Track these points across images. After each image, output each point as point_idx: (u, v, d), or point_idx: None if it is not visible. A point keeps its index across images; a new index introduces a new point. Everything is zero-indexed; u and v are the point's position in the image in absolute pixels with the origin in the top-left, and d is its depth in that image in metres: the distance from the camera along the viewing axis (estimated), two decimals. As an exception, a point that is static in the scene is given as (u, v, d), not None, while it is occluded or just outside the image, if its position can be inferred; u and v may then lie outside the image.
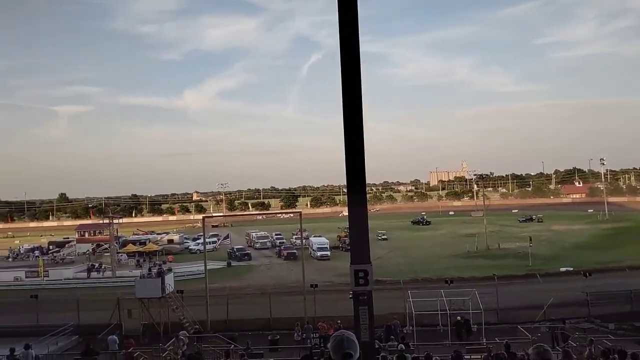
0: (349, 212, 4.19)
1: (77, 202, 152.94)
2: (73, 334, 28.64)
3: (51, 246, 69.12)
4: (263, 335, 26.30)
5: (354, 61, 4.08)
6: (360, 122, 4.08)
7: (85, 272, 49.38)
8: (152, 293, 29.10)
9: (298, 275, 33.34)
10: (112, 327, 28.08)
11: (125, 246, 60.52)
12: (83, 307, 30.97)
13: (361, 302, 4.12)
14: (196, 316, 28.87)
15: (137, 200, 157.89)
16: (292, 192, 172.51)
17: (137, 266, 50.42)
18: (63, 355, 22.97)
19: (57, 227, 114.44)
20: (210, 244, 58.84)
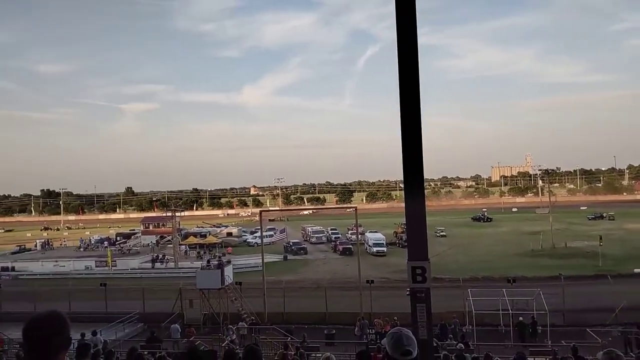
0: (406, 207, 4.15)
1: (142, 196, 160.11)
2: (139, 321, 29.98)
3: (118, 237, 72.77)
4: (319, 329, 26.41)
5: (412, 53, 4.03)
6: (417, 115, 4.04)
7: (149, 262, 51.56)
8: (212, 284, 29.89)
9: (354, 270, 33.20)
10: (175, 316, 29.19)
11: (187, 238, 62.63)
12: (148, 296, 32.34)
13: (418, 299, 4.09)
14: (253, 308, 29.40)
15: (198, 194, 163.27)
16: (348, 187, 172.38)
17: (197, 258, 52.04)
18: (129, 341, 23.97)
19: (124, 219, 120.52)
20: (267, 237, 59.91)
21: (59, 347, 2.15)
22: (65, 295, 32.13)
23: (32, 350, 2.12)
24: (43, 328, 2.13)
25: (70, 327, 2.23)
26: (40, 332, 2.11)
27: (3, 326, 28.12)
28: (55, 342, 2.13)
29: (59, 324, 2.17)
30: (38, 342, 2.11)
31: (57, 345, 2.14)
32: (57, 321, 2.18)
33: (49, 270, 50.03)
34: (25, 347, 2.14)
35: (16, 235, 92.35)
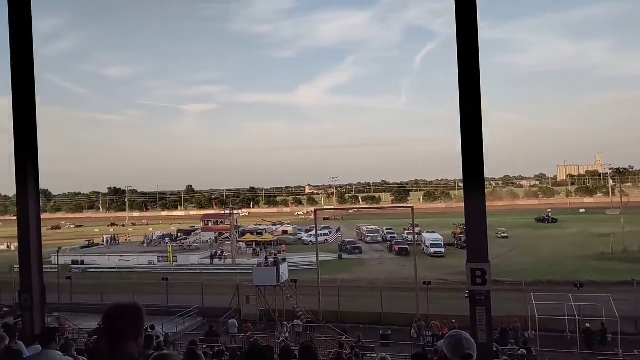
0: (465, 207, 4.10)
1: (202, 194, 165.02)
2: (198, 315, 30.86)
3: (179, 234, 75.32)
4: (374, 329, 26.09)
5: (472, 48, 3.91)
6: (478, 112, 3.93)
7: (208, 258, 52.82)
8: (268, 281, 30.26)
9: (410, 271, 32.59)
10: (232, 312, 29.77)
11: (244, 235, 63.89)
12: (206, 291, 33.17)
13: (478, 302, 4.07)
14: (308, 306, 29.48)
15: (255, 193, 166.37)
16: (404, 186, 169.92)
17: (254, 255, 52.93)
18: (189, 334, 24.68)
19: (185, 217, 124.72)
20: (322, 236, 60.06)
21: (134, 336, 2.32)
22: (130, 288, 33.52)
23: (109, 336, 2.32)
24: (122, 317, 2.31)
25: (145, 319, 2.41)
26: (118, 321, 2.30)
27: (73, 316, 29.80)
28: (131, 332, 2.31)
29: (136, 315, 2.34)
30: (116, 329, 2.30)
31: (132, 334, 2.31)
32: (135, 312, 2.36)
33: (114, 264, 52.56)
34: (104, 332, 2.36)
35: (85, 231, 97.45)
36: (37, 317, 9.98)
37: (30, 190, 10.29)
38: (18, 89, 10.05)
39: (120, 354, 2.31)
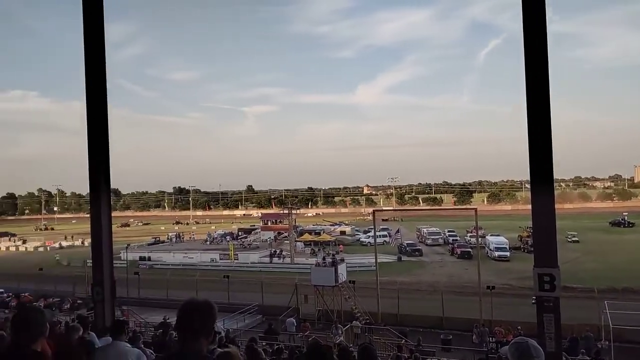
0: (532, 209, 3.94)
1: (262, 194, 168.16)
2: (258, 313, 31.37)
3: (240, 232, 76.99)
4: (435, 333, 25.45)
5: (540, 43, 3.70)
6: (546, 110, 3.77)
7: (268, 257, 53.60)
8: (326, 281, 30.28)
9: (473, 275, 31.62)
10: (291, 310, 30.04)
11: (302, 235, 64.41)
12: (266, 289, 33.66)
13: (546, 308, 3.91)
14: (366, 307, 29.21)
15: (313, 193, 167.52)
16: (467, 187, 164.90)
17: (312, 254, 53.19)
18: (249, 331, 25.13)
19: (245, 216, 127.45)
20: (381, 237, 59.43)
21: (205, 331, 2.38)
22: (193, 284, 34.62)
23: (182, 331, 2.38)
24: (196, 313, 2.38)
25: (216, 317, 2.47)
26: (192, 317, 2.37)
27: (141, 310, 31.16)
28: (202, 328, 2.37)
29: (208, 312, 2.41)
30: (188, 324, 2.37)
31: (204, 330, 2.38)
32: (208, 309, 2.42)
33: (179, 261, 54.46)
34: (177, 327, 2.43)
35: (152, 228, 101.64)
36: (107, 310, 10.42)
37: (102, 189, 10.75)
38: (91, 93, 10.54)
39: (191, 349, 2.37)
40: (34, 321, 2.86)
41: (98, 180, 10.54)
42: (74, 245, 75.21)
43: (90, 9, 10.31)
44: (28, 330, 2.82)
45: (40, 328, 2.85)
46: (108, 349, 5.82)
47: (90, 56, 10.40)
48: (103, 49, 10.58)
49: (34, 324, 2.84)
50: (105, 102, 10.66)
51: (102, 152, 10.54)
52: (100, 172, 10.54)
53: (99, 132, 10.50)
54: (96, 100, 10.50)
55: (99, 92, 10.52)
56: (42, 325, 2.88)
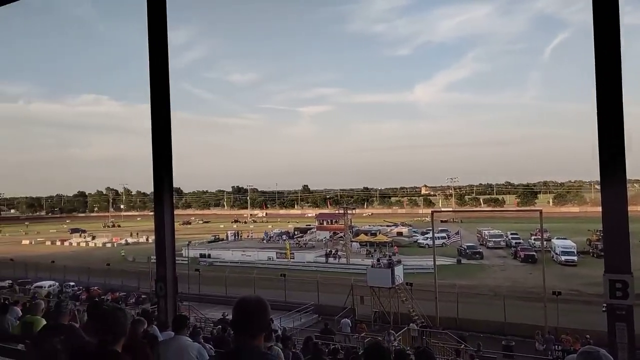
0: (602, 211, 3.70)
1: (317, 193, 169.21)
2: (313, 312, 31.51)
3: (296, 232, 77.84)
4: (496, 339, 24.49)
5: (612, 36, 3.50)
6: (619, 106, 3.55)
7: (323, 257, 53.68)
8: (382, 282, 29.95)
9: (537, 279, 30.28)
10: (346, 311, 29.94)
11: (358, 236, 64.18)
12: (321, 289, 33.77)
13: (618, 317, 3.67)
14: (424, 310, 28.62)
15: (369, 193, 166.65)
16: (531, 187, 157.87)
17: (368, 255, 52.83)
18: (305, 330, 25.29)
19: (301, 215, 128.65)
20: (439, 239, 58.18)
21: (260, 329, 2.43)
22: (251, 282, 35.29)
23: (237, 328, 2.45)
24: (250, 310, 2.43)
25: (270, 314, 2.51)
26: (246, 314, 2.42)
27: (201, 306, 32.07)
28: (257, 325, 2.42)
29: (262, 309, 2.45)
30: (244, 321, 2.42)
31: (259, 327, 2.43)
32: (262, 306, 2.46)
33: (237, 259, 55.66)
34: (232, 324, 2.48)
35: (212, 226, 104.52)
36: (170, 305, 10.72)
37: (165, 188, 11.09)
38: (155, 96, 10.93)
39: (246, 346, 2.41)
40: (119, 322, 2.94)
41: (161, 180, 10.88)
42: (139, 241, 78.68)
43: (155, 17, 10.69)
44: (114, 332, 2.90)
45: (123, 328, 2.94)
46: (170, 342, 5.95)
47: (155, 61, 10.77)
48: (166, 54, 10.93)
49: (119, 325, 2.93)
50: (168, 105, 11.01)
51: (165, 153, 10.89)
52: (163, 172, 10.90)
53: (162, 133, 10.87)
54: (160, 104, 10.87)
55: (162, 96, 10.88)
56: (125, 325, 2.98)
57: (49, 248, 76.10)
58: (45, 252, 66.25)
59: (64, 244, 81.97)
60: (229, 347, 8.50)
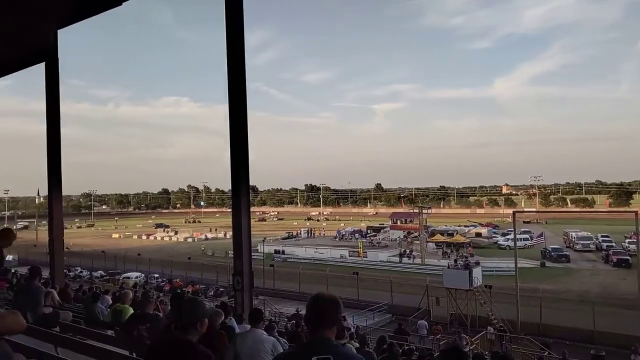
0: None
1: (391, 192, 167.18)
2: (387, 312, 31.14)
3: (369, 230, 77.30)
4: (584, 347, 22.86)
5: None
6: None
7: (397, 256, 52.85)
8: (459, 284, 29.02)
9: (632, 285, 27.92)
10: (421, 312, 29.27)
11: (434, 236, 62.59)
12: (395, 289, 33.29)
13: None
14: (504, 314, 27.32)
15: (445, 192, 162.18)
16: (626, 187, 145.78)
17: (444, 256, 51.44)
18: (378, 330, 25.01)
19: (373, 214, 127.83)
20: (522, 240, 55.40)
21: (333, 324, 2.52)
22: (323, 279, 35.48)
23: (310, 323, 2.53)
24: (322, 307, 2.52)
25: (342, 311, 2.60)
26: (320, 309, 2.51)
27: (275, 300, 32.75)
28: (330, 320, 2.50)
29: (335, 305, 2.54)
30: (317, 315, 2.51)
31: (332, 322, 2.51)
32: (334, 303, 2.55)
33: (310, 256, 56.25)
34: (305, 320, 2.59)
35: (285, 224, 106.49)
36: (246, 298, 11.01)
37: (242, 186, 11.40)
38: (233, 97, 11.24)
39: (319, 339, 2.47)
40: (195, 313, 3.07)
41: (239, 178, 11.21)
42: (217, 237, 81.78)
43: (232, 22, 11.04)
44: (191, 322, 3.03)
45: (200, 319, 3.08)
46: (247, 335, 6.05)
47: (232, 64, 11.11)
48: (243, 57, 11.25)
49: (194, 315, 3.06)
50: (245, 105, 11.32)
51: (242, 152, 11.20)
52: (240, 171, 11.21)
53: (239, 133, 11.19)
54: (237, 104, 11.20)
55: (239, 96, 11.20)
56: (200, 316, 3.10)
57: (135, 242, 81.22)
58: (132, 245, 70.71)
59: (149, 238, 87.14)
60: (302, 341, 8.56)
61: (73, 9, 14.04)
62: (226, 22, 11.10)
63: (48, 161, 14.49)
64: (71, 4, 13.87)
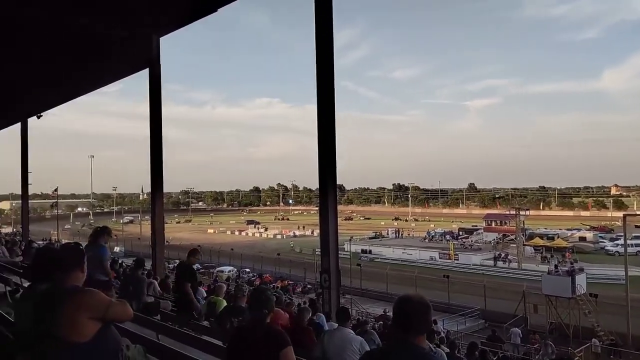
0: None
1: (485, 192, 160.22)
2: (479, 317, 29.90)
3: (461, 232, 74.76)
4: None
5: None
6: None
7: (491, 260, 50.74)
8: (560, 291, 27.25)
9: None
10: (517, 319, 27.75)
11: (532, 239, 59.19)
12: (488, 294, 31.88)
13: None
14: (612, 326, 25.10)
15: (545, 192, 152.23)
16: None
17: (543, 261, 48.45)
18: (470, 335, 24.10)
19: (466, 215, 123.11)
20: (634, 246, 50.60)
21: (422, 328, 2.45)
22: (411, 281, 34.81)
23: (399, 325, 2.46)
24: (412, 308, 2.44)
25: (431, 314, 2.51)
26: (408, 312, 2.43)
27: (362, 300, 32.66)
28: (419, 323, 2.42)
29: (424, 308, 2.45)
30: (403, 320, 2.43)
31: (421, 326, 2.44)
32: (423, 305, 2.45)
33: (397, 257, 55.38)
34: (393, 321, 2.56)
35: (372, 223, 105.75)
36: (333, 296, 11.04)
37: (330, 185, 11.45)
38: (321, 97, 11.32)
39: (408, 344, 2.40)
40: (262, 300, 3.24)
41: (326, 177, 11.28)
42: (305, 234, 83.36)
43: (322, 23, 11.12)
44: (259, 308, 3.21)
45: (266, 306, 3.23)
46: (334, 333, 6.07)
47: (321, 64, 11.20)
48: (331, 57, 11.29)
49: (262, 303, 3.23)
50: (333, 104, 11.35)
51: (329, 151, 11.26)
52: (327, 170, 11.27)
53: (327, 132, 11.26)
54: (325, 104, 11.27)
55: (327, 96, 11.26)
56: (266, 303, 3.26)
57: (228, 237, 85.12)
58: (225, 240, 74.22)
59: (241, 234, 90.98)
60: (390, 343, 8.40)
61: (173, 18, 14.98)
62: (315, 23, 11.21)
63: (151, 160, 15.51)
64: (171, 14, 14.80)
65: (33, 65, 19.28)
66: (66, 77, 20.35)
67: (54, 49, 17.49)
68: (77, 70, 19.24)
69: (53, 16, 14.04)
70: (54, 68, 19.49)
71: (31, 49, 17.39)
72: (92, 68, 19.02)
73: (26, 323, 3.11)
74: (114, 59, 17.78)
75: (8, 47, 17.20)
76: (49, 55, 17.99)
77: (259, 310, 3.20)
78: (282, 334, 3.07)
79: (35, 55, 18.06)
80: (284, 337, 3.02)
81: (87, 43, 16.87)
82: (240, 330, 3.38)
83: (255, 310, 3.22)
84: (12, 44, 16.64)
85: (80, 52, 17.67)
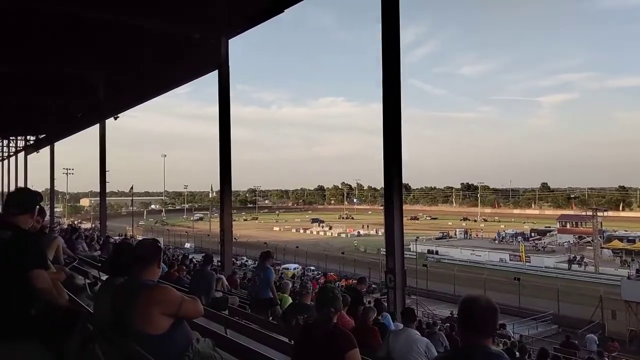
0: None
1: (559, 192, 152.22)
2: (552, 322, 28.59)
3: (533, 233, 71.61)
4: None
5: None
6: None
7: (565, 263, 48.67)
8: (642, 297, 25.49)
9: None
10: (594, 326, 26.27)
11: (611, 241, 55.70)
12: (562, 298, 30.50)
13: None
14: None
15: (626, 192, 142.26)
16: None
17: (622, 265, 45.49)
18: (542, 340, 23.08)
19: (538, 216, 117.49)
20: None
21: (488, 330, 2.37)
22: (480, 283, 33.73)
23: (465, 327, 2.41)
24: (478, 310, 2.35)
25: (498, 317, 2.44)
26: (474, 313, 2.35)
27: (428, 301, 32.09)
28: (485, 325, 2.35)
29: (491, 310, 2.37)
30: (471, 320, 2.35)
31: (487, 328, 2.37)
32: (490, 307, 2.37)
33: (466, 258, 53.86)
34: (458, 322, 2.50)
35: (439, 223, 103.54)
36: (398, 297, 10.91)
37: (395, 185, 11.32)
38: (387, 94, 11.20)
39: (477, 346, 2.33)
40: (329, 299, 3.29)
41: (391, 177, 11.16)
42: (369, 234, 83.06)
43: (388, 19, 10.99)
44: (322, 308, 3.27)
45: (333, 304, 3.28)
46: (400, 333, 6.03)
47: (387, 62, 11.07)
48: (398, 55, 11.14)
49: (329, 301, 3.28)
50: (399, 103, 11.19)
51: (395, 150, 11.12)
52: (393, 169, 11.14)
53: (392, 131, 11.12)
54: (391, 102, 11.13)
55: (393, 94, 11.12)
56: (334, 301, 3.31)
57: (293, 235, 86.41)
58: (290, 238, 75.36)
59: (306, 232, 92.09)
60: (457, 346, 8.20)
61: (242, 20, 15.42)
62: (382, 21, 11.11)
63: (220, 159, 16.06)
64: (240, 16, 15.24)
65: (112, 70, 20.56)
66: (141, 79, 21.53)
67: (132, 53, 18.57)
68: (151, 73, 20.30)
69: (132, 21, 14.91)
70: (131, 71, 20.68)
71: (111, 55, 18.55)
72: (165, 71, 19.99)
73: (104, 314, 3.34)
74: (186, 62, 18.59)
75: (90, 55, 18.45)
76: (127, 60, 19.13)
77: (325, 308, 3.24)
78: (349, 335, 3.11)
79: (115, 60, 19.25)
80: (351, 339, 3.06)
81: (161, 47, 17.78)
82: (307, 327, 3.47)
83: (322, 309, 3.27)
84: (93, 51, 17.83)
85: (155, 56, 18.62)
